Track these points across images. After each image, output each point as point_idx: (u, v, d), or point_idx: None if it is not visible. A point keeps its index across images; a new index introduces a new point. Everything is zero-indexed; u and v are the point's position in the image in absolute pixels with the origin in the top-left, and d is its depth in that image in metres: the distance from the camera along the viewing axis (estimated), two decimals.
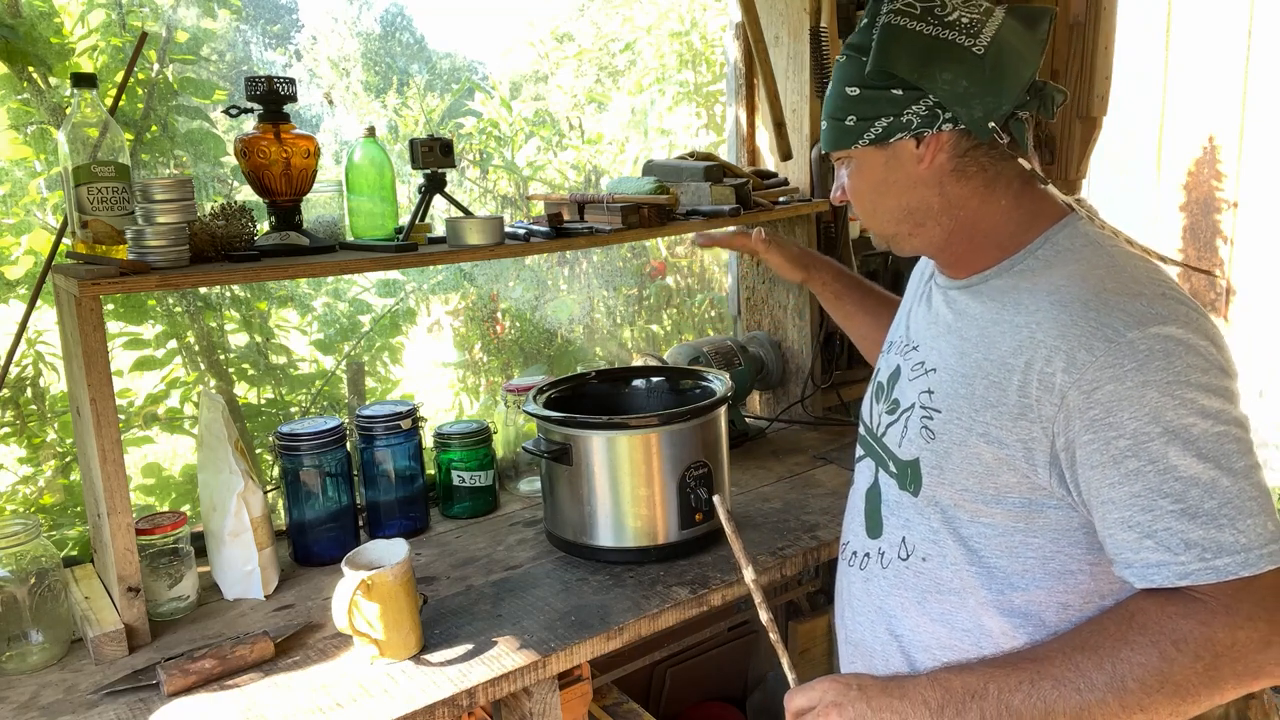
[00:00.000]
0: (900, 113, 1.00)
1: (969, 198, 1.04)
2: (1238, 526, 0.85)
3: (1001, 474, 0.97)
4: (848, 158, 1.09)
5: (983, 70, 0.98)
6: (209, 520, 1.53)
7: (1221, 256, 3.79)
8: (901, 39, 0.99)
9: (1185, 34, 3.74)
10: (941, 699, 0.93)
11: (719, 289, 2.87)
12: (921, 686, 0.95)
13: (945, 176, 1.04)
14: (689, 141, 2.95)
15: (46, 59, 1.71)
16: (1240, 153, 3.69)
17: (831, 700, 0.98)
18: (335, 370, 2.20)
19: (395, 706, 1.17)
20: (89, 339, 1.26)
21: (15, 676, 1.29)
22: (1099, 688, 0.87)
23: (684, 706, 2.20)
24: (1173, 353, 0.87)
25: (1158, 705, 0.86)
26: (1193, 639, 0.85)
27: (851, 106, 1.03)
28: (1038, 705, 0.88)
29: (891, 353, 1.20)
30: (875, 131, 1.02)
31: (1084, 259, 0.98)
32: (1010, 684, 0.90)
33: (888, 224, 1.10)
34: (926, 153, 1.02)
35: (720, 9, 2.87)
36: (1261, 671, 0.86)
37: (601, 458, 1.51)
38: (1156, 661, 0.85)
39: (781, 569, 1.55)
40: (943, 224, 1.06)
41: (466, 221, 1.58)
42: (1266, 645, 0.85)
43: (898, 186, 1.06)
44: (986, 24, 0.99)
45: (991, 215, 1.05)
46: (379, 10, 4.11)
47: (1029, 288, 0.99)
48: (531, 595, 1.46)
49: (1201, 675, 0.85)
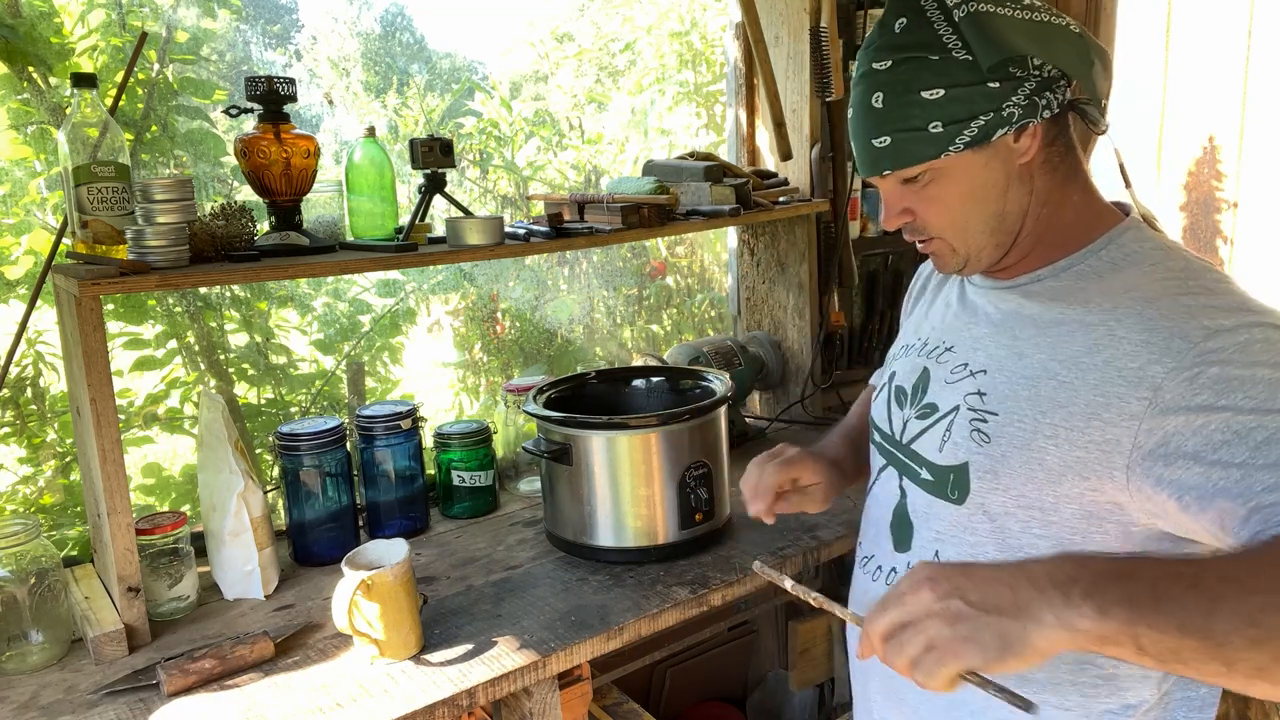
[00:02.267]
0: (1000, 106, 0.94)
1: (1053, 191, 1.00)
2: None
3: (1065, 480, 0.92)
4: (927, 171, 0.99)
5: (1085, 48, 0.95)
6: (209, 520, 1.53)
7: (1221, 256, 3.79)
8: (1004, 25, 0.93)
9: (1185, 34, 3.74)
10: (1070, 574, 0.74)
11: (719, 289, 2.87)
12: (1044, 564, 0.77)
13: (1038, 169, 0.99)
14: (689, 141, 2.95)
15: (46, 59, 1.71)
16: (1240, 153, 3.69)
17: (924, 576, 0.79)
18: (335, 370, 2.21)
19: (395, 706, 1.17)
20: (89, 339, 1.26)
21: (15, 676, 1.29)
22: (1265, 590, 0.71)
23: (684, 706, 2.20)
24: (1272, 340, 0.84)
25: None
26: None
27: (934, 111, 0.95)
28: (1202, 598, 0.71)
29: (911, 356, 1.15)
30: (972, 132, 0.95)
31: (1157, 261, 0.95)
32: (1167, 571, 0.75)
33: (974, 236, 1.01)
34: (1031, 144, 0.96)
35: (720, 9, 2.87)
36: None
37: (601, 458, 1.51)
38: None
39: (781, 569, 1.54)
40: (1025, 225, 1.01)
41: (466, 221, 1.58)
42: None
43: (996, 189, 0.98)
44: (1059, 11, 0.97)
45: (1066, 212, 1.01)
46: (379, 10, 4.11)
47: (1098, 287, 0.96)
48: (531, 595, 1.46)
49: None
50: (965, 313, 1.09)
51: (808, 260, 2.20)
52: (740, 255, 2.39)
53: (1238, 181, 3.72)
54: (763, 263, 2.32)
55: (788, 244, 2.24)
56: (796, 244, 2.21)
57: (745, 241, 2.36)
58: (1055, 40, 0.94)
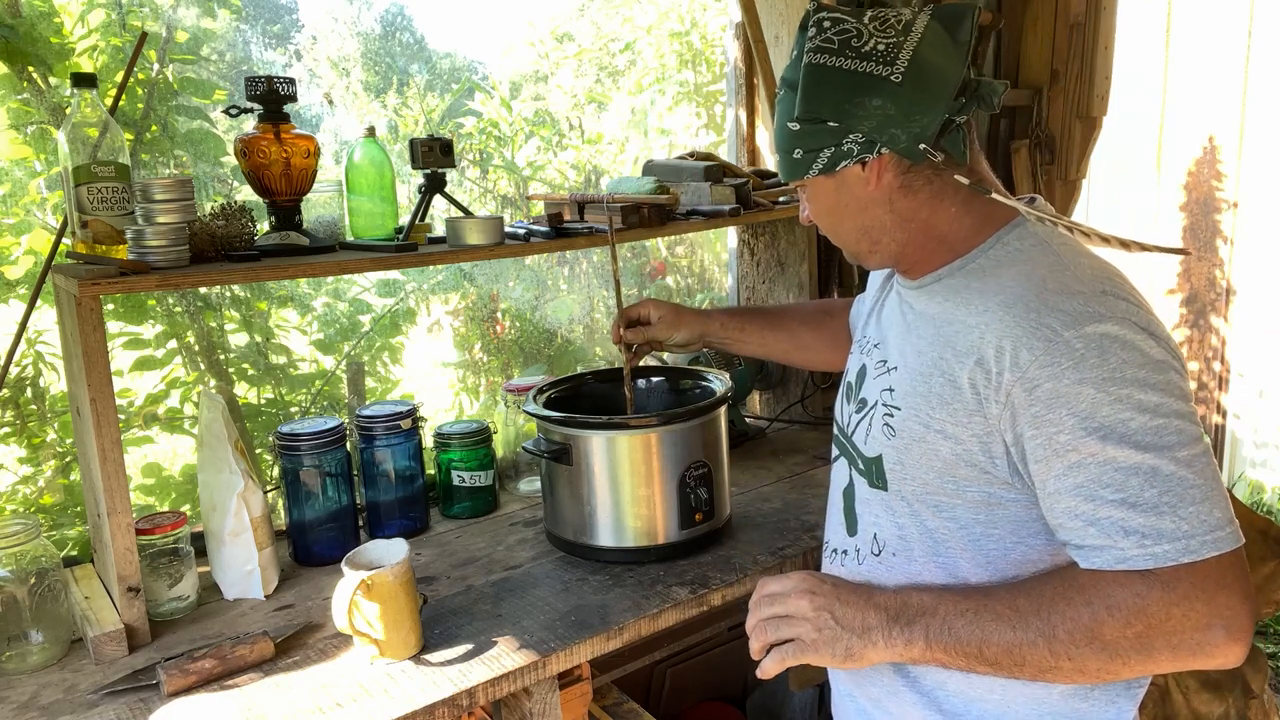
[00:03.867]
0: (840, 142, 1.03)
1: (918, 210, 1.07)
2: (1179, 514, 0.88)
3: (959, 469, 1.02)
4: (799, 186, 1.13)
5: (902, 97, 1.00)
6: (209, 520, 1.53)
7: (1221, 256, 3.79)
8: (823, 79, 1.02)
9: (1185, 34, 3.74)
10: (897, 609, 1.00)
11: (719, 289, 2.87)
12: (886, 595, 1.02)
13: (894, 194, 1.07)
14: (689, 141, 2.95)
15: (46, 59, 1.71)
16: (1240, 153, 3.69)
17: (806, 589, 1.04)
18: (335, 370, 2.21)
19: (395, 706, 1.17)
20: (89, 339, 1.26)
21: (15, 676, 1.29)
22: (1032, 630, 0.93)
23: (684, 706, 2.20)
24: (1107, 350, 0.91)
25: (1085, 658, 0.91)
26: (1126, 607, 0.89)
27: (794, 140, 1.06)
28: (975, 633, 0.95)
29: (859, 351, 1.24)
30: (821, 163, 1.05)
31: (1030, 259, 1.01)
32: (958, 610, 0.97)
33: (849, 243, 1.15)
34: (872, 176, 1.05)
35: (720, 9, 2.87)
36: (1201, 650, 0.89)
37: (601, 458, 1.51)
38: (1088, 620, 0.90)
39: (781, 569, 1.55)
40: (897, 238, 1.10)
41: (466, 221, 1.58)
42: (1206, 626, 0.88)
43: (851, 209, 1.09)
44: (904, 45, 1.01)
45: (942, 222, 1.08)
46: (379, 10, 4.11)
47: (979, 287, 1.03)
48: (531, 595, 1.46)
49: (1133, 641, 0.90)
50: (891, 312, 1.18)
51: (807, 260, 2.21)
52: (740, 255, 2.39)
53: (1238, 181, 3.72)
54: (763, 263, 2.32)
55: (787, 244, 2.24)
56: (796, 244, 2.22)
57: (745, 241, 2.36)
58: (867, 97, 1.00)
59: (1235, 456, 3.91)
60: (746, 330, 1.56)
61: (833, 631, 1.00)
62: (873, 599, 1.01)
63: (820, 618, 1.01)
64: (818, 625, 1.01)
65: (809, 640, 1.01)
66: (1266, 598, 1.58)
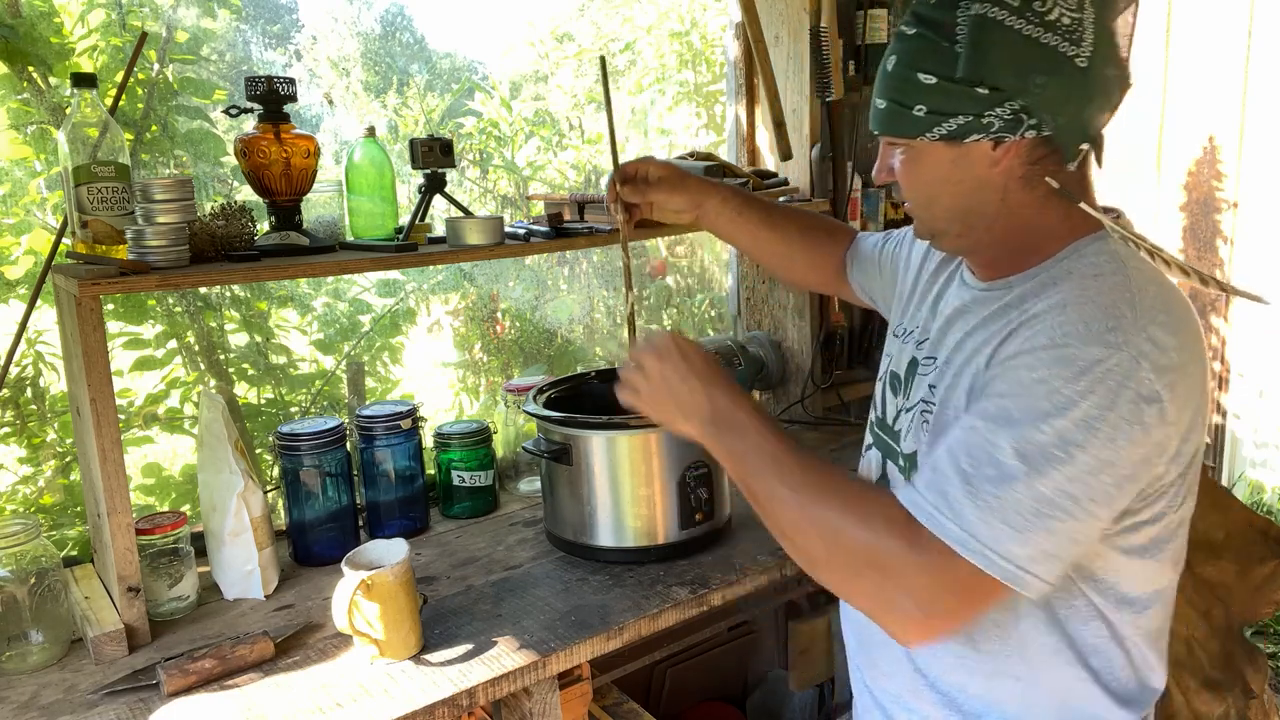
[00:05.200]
0: (982, 113, 0.92)
1: (1026, 205, 0.99)
2: (989, 520, 0.86)
3: None
4: (905, 145, 1.01)
5: (1083, 82, 0.91)
6: (209, 520, 1.53)
7: (1221, 256, 3.79)
8: (998, 38, 0.90)
9: (1185, 34, 3.74)
10: (721, 415, 1.02)
11: (719, 289, 2.87)
12: (722, 395, 1.03)
13: (1012, 183, 0.98)
14: (689, 141, 2.95)
15: (46, 59, 1.71)
16: (1240, 153, 3.69)
17: (658, 351, 1.07)
18: (335, 370, 2.21)
19: (395, 706, 1.17)
20: (89, 339, 1.26)
21: (15, 676, 1.29)
22: (798, 497, 0.95)
23: (684, 706, 2.20)
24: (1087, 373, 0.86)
25: (812, 545, 0.95)
26: (877, 531, 0.90)
27: (924, 95, 0.94)
28: (757, 469, 0.98)
29: (907, 342, 1.17)
30: (949, 127, 0.94)
31: (1099, 274, 0.94)
32: (759, 448, 0.99)
33: (937, 220, 1.05)
34: (1002, 157, 0.95)
35: (720, 9, 2.87)
36: (893, 611, 0.91)
37: (601, 458, 1.51)
38: (838, 514, 0.93)
39: (781, 569, 1.54)
40: (994, 229, 1.01)
41: (466, 221, 1.58)
42: (915, 603, 0.89)
43: (960, 187, 0.99)
44: (1085, 24, 0.90)
45: (1040, 224, 1.00)
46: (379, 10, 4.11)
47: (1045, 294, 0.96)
48: (531, 595, 1.46)
49: (856, 559, 0.92)
50: (952, 308, 1.11)
51: None
52: (740, 255, 2.39)
53: (1238, 181, 3.72)
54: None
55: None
56: None
57: None
58: (1048, 73, 0.91)
59: (1235, 456, 3.91)
60: (745, 215, 1.41)
61: (661, 398, 1.06)
62: (710, 393, 1.03)
63: (658, 383, 1.06)
64: (652, 386, 1.06)
65: (644, 396, 1.07)
66: (1266, 598, 1.58)
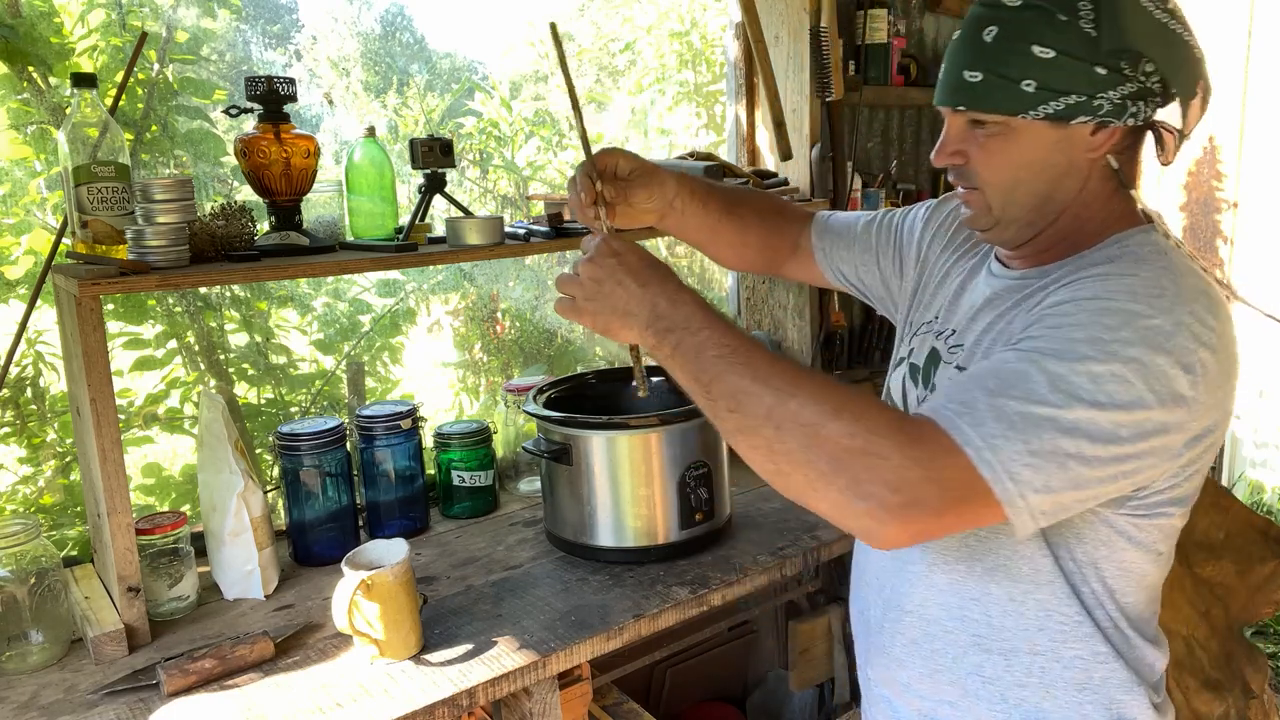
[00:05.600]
0: (1095, 94, 0.89)
1: (1099, 195, 0.96)
2: (1009, 435, 0.80)
3: None
4: (998, 122, 0.94)
5: (1200, 77, 0.91)
6: (209, 520, 1.53)
7: (1221, 256, 3.79)
8: (1140, 17, 0.88)
9: None
10: (663, 313, 0.94)
11: (719, 289, 2.87)
12: (666, 292, 0.95)
13: (1096, 171, 0.95)
14: (689, 141, 2.95)
15: (46, 59, 1.71)
16: (1240, 153, 3.69)
17: (591, 257, 0.99)
18: (335, 370, 2.20)
19: (395, 706, 1.17)
20: (89, 339, 1.26)
21: (15, 676, 1.29)
22: (771, 383, 0.86)
23: (684, 706, 2.20)
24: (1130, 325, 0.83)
25: (787, 436, 0.85)
26: (864, 423, 0.82)
27: (1036, 69, 0.90)
28: (716, 369, 0.89)
29: (927, 334, 1.14)
30: (1057, 106, 0.90)
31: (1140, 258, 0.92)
32: (716, 342, 0.90)
33: (1013, 207, 0.98)
34: (1103, 144, 0.92)
35: (720, 9, 2.87)
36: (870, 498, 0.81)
37: (601, 458, 1.51)
38: (820, 406, 0.83)
39: (781, 569, 1.55)
40: (1060, 219, 0.98)
41: (466, 221, 1.58)
42: (896, 488, 0.80)
43: (1051, 171, 0.95)
44: (1181, 10, 0.89)
45: (1102, 216, 0.98)
46: (379, 10, 4.11)
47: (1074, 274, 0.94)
48: (531, 595, 1.46)
49: (840, 444, 0.82)
50: (975, 296, 1.08)
51: None
52: None
53: (1238, 181, 3.72)
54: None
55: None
56: None
57: None
58: (1180, 55, 0.90)
59: (1235, 456, 3.91)
60: (708, 207, 1.32)
61: (597, 305, 0.97)
62: (649, 290, 0.94)
63: (590, 287, 0.98)
64: (586, 293, 0.98)
65: (578, 303, 0.99)
66: (1266, 598, 1.58)
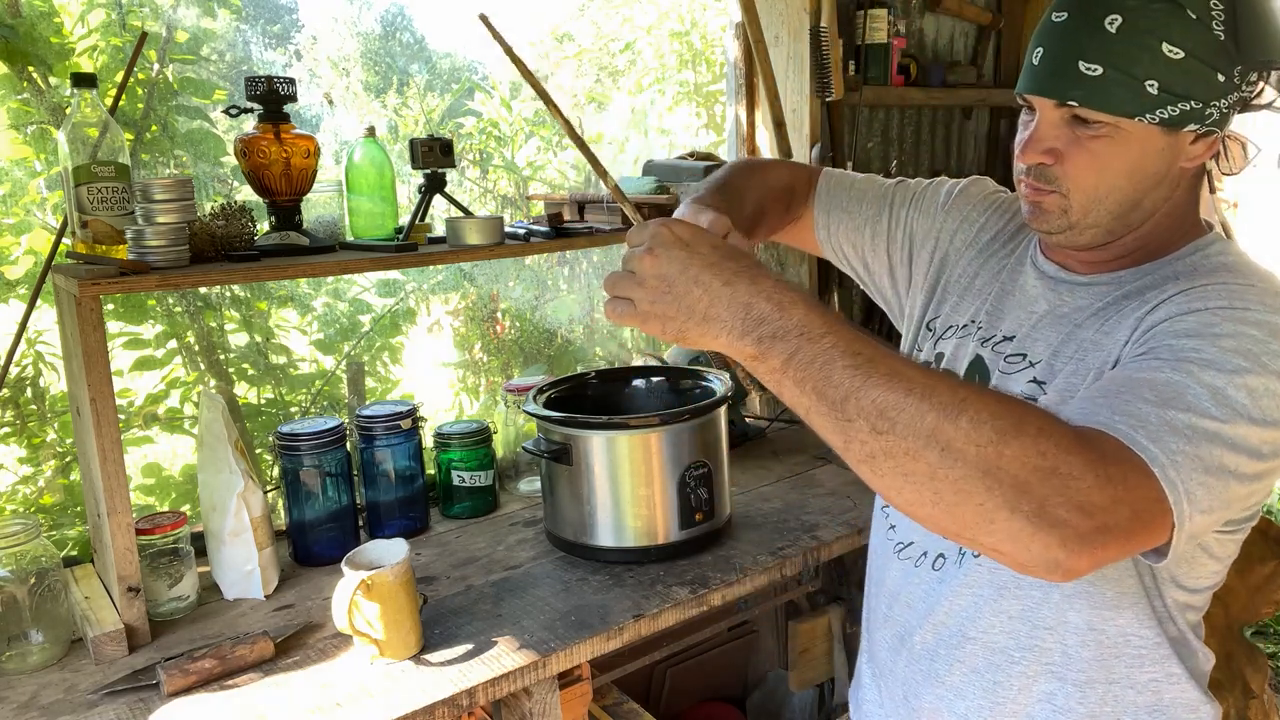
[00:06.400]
0: (1209, 102, 0.85)
1: (1179, 205, 0.94)
2: (1187, 453, 0.75)
3: None
4: (1109, 123, 0.88)
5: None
6: (209, 520, 1.53)
7: None
8: (1265, 23, 0.85)
9: None
10: (766, 315, 0.74)
11: None
12: (762, 289, 0.75)
13: (1187, 180, 0.92)
14: (689, 141, 2.95)
15: (46, 59, 1.71)
16: None
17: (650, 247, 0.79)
18: (335, 370, 2.21)
19: (395, 706, 1.17)
20: (89, 339, 1.26)
21: (15, 676, 1.29)
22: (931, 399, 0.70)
23: (684, 706, 2.20)
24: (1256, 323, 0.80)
25: (957, 459, 0.69)
26: (1044, 441, 0.69)
27: (1161, 70, 0.84)
28: (854, 382, 0.71)
29: (966, 338, 1.09)
30: (1173, 111, 0.85)
31: (1228, 268, 0.90)
32: (848, 349, 0.72)
33: (1099, 213, 0.92)
34: (1202, 153, 0.89)
35: (720, 9, 2.87)
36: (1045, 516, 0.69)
37: (601, 458, 1.51)
38: (997, 423, 0.69)
39: (781, 569, 1.55)
40: (1142, 226, 0.94)
41: (466, 221, 1.58)
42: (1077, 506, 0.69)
43: (1151, 179, 0.90)
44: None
45: (1181, 225, 0.95)
46: (379, 10, 4.11)
47: (1161, 286, 0.91)
48: (531, 595, 1.46)
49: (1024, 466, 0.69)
50: (1026, 299, 1.04)
51: (807, 260, 2.20)
52: None
53: (1237, 181, 3.72)
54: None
55: (787, 245, 2.23)
56: None
57: None
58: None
59: None
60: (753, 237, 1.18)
61: (665, 307, 0.77)
62: (737, 290, 0.75)
63: (655, 287, 0.78)
64: (650, 295, 0.78)
65: (641, 308, 0.79)
66: (1266, 598, 1.58)
